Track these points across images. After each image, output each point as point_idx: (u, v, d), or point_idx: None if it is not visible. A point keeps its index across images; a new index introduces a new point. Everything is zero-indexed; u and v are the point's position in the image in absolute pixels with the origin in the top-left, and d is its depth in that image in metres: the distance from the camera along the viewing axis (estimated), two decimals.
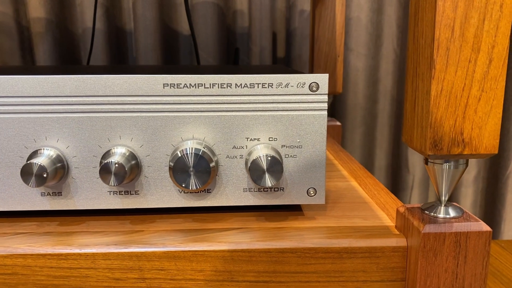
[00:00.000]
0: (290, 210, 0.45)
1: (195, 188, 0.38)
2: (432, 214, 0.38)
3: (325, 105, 0.40)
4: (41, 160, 0.38)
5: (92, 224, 0.42)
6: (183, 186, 0.39)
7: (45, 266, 0.37)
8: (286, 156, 0.41)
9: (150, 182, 0.41)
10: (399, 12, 0.97)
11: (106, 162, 0.38)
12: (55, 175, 0.39)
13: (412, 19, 0.36)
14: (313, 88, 0.40)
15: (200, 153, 0.39)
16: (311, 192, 0.42)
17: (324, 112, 0.40)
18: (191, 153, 0.38)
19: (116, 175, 0.38)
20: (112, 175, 0.38)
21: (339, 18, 0.74)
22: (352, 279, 0.39)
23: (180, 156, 0.39)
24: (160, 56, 0.94)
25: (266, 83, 0.40)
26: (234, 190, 0.42)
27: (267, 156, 0.39)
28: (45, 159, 0.39)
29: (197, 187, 0.38)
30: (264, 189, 0.42)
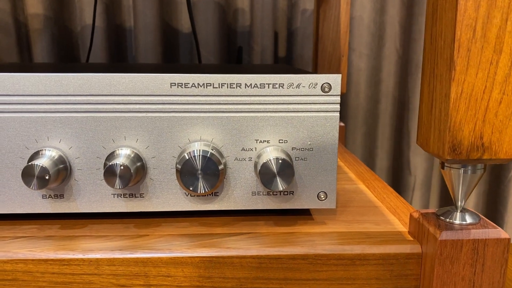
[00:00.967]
0: (298, 214, 0.43)
1: (203, 191, 0.37)
2: (448, 220, 0.36)
3: (337, 106, 0.39)
4: (43, 161, 0.37)
5: (95, 228, 0.40)
6: (191, 189, 0.37)
7: (46, 272, 0.36)
8: (297, 159, 0.40)
9: (156, 184, 0.40)
10: (402, 12, 0.96)
11: (111, 164, 0.36)
12: (57, 177, 0.38)
13: (430, 18, 0.35)
14: (325, 89, 0.39)
15: (208, 155, 0.37)
16: (322, 196, 0.41)
17: (337, 114, 0.39)
18: (199, 155, 0.37)
19: (121, 177, 0.36)
20: (117, 178, 0.36)
21: (343, 17, 0.72)
22: (365, 287, 0.37)
23: (187, 158, 0.37)
24: (160, 54, 0.92)
25: (276, 84, 0.38)
26: (242, 194, 0.40)
27: (278, 159, 0.37)
28: (47, 160, 0.37)
29: (205, 190, 0.37)
30: (274, 192, 0.40)
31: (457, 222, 0.36)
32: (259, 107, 0.39)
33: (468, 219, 0.36)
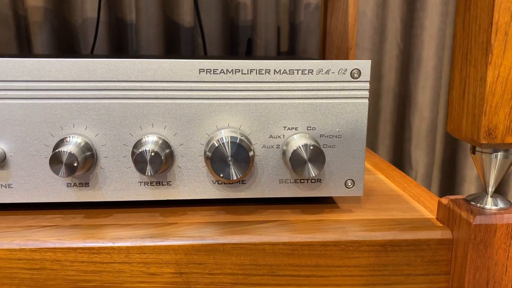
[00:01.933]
0: (323, 203, 0.43)
1: (235, 178, 0.37)
2: (478, 205, 0.37)
3: (366, 93, 0.39)
4: (70, 148, 0.36)
5: (120, 217, 0.40)
6: (221, 176, 0.37)
7: (75, 261, 0.35)
8: (325, 146, 0.40)
9: (183, 172, 0.39)
10: (403, 7, 0.96)
11: (142, 150, 0.36)
12: (84, 165, 0.37)
13: (462, 4, 0.35)
14: (354, 75, 0.38)
15: (238, 141, 0.37)
16: (349, 184, 0.40)
17: (366, 100, 0.39)
18: (230, 141, 0.37)
19: (152, 163, 0.36)
20: (148, 164, 0.36)
21: (351, 11, 0.72)
22: (395, 273, 0.37)
23: (217, 145, 0.37)
24: (162, 48, 0.91)
25: (306, 70, 0.38)
26: (269, 182, 0.40)
27: (309, 145, 0.37)
28: (73, 147, 0.36)
29: (237, 177, 0.37)
30: (301, 180, 0.40)
31: (488, 207, 0.36)
32: (287, 93, 0.39)
33: (500, 204, 0.36)
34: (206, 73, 0.38)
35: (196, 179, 0.39)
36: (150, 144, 0.37)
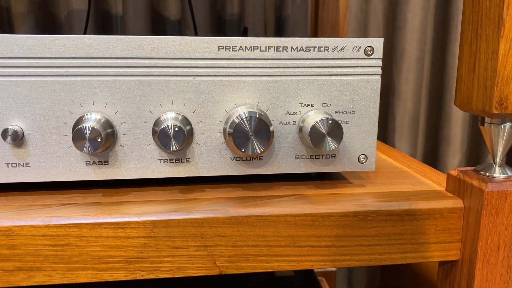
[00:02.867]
0: (334, 179, 0.44)
1: (258, 151, 0.37)
2: (488, 174, 0.38)
3: (379, 70, 0.40)
4: (92, 123, 0.36)
5: (138, 195, 0.40)
6: (243, 151, 0.37)
7: (101, 236, 0.35)
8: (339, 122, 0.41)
9: (202, 149, 0.40)
10: (385, 1, 0.99)
11: (165, 126, 0.36)
12: (106, 141, 0.37)
13: None
14: (368, 52, 0.40)
15: (258, 115, 0.38)
16: (362, 159, 0.42)
17: (378, 77, 0.40)
18: (251, 116, 0.37)
19: (176, 139, 0.36)
20: (172, 139, 0.36)
21: (342, 1, 0.74)
22: (411, 242, 0.39)
23: (238, 121, 0.37)
24: None
25: (322, 47, 0.39)
26: (286, 158, 0.41)
27: (328, 119, 0.38)
28: (95, 123, 0.36)
29: (260, 150, 0.37)
30: (316, 156, 0.41)
31: (496, 175, 0.38)
32: (304, 70, 0.40)
33: (508, 173, 0.38)
34: (225, 50, 0.38)
35: (214, 156, 0.40)
36: (171, 120, 0.37)
